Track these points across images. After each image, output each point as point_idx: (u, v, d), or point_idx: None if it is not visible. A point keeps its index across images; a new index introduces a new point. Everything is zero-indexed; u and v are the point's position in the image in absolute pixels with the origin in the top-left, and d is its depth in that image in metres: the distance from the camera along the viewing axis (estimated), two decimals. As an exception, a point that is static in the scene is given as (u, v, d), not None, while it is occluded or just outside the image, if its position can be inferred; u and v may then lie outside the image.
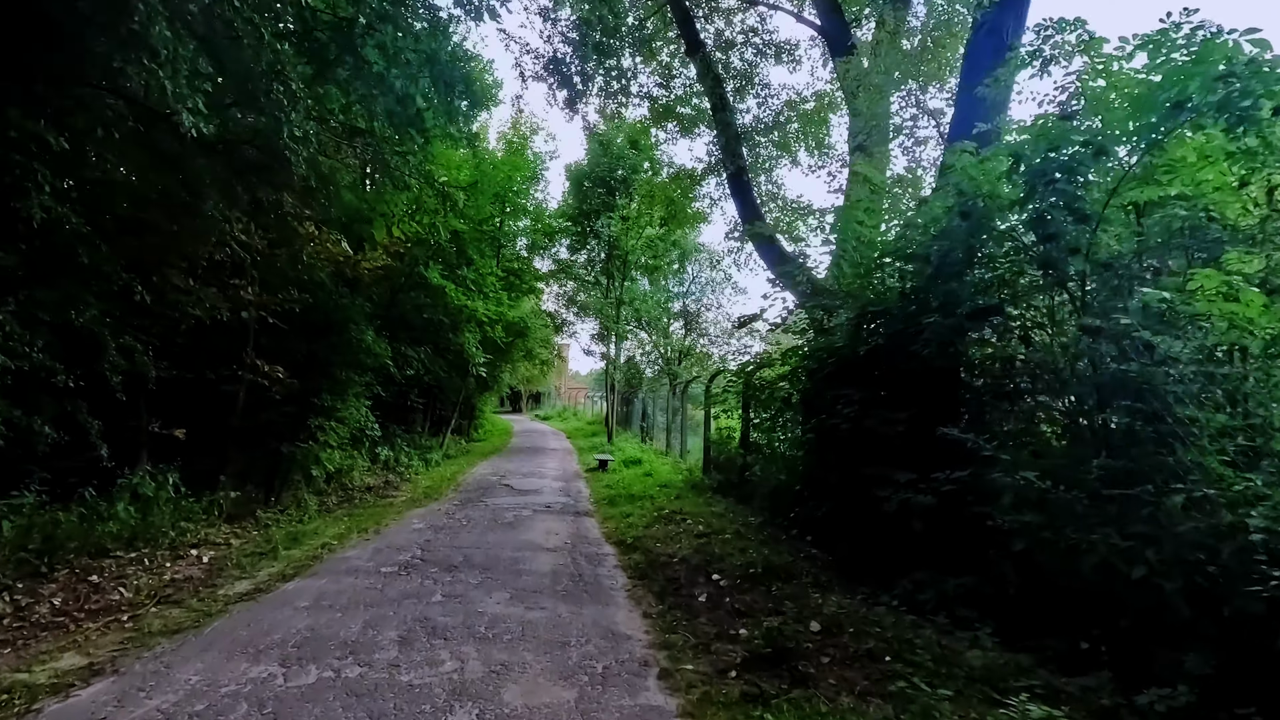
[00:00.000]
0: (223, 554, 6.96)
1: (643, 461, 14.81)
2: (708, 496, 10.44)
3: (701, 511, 9.17)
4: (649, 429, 19.75)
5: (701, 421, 15.90)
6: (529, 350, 20.37)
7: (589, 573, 6.33)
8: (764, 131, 14.18)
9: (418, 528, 8.37)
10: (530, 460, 17.19)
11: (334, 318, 11.37)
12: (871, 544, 5.76)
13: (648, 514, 9.22)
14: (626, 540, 7.69)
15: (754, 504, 9.21)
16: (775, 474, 8.09)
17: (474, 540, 7.62)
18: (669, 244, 19.99)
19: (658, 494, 10.84)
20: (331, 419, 10.76)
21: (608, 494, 11.13)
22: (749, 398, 10.18)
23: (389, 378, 13.75)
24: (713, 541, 7.47)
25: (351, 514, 9.55)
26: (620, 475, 13.29)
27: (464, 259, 16.29)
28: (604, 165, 19.03)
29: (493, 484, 12.78)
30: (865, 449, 5.75)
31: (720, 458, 11.57)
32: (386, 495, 11.68)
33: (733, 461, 10.86)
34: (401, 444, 15.73)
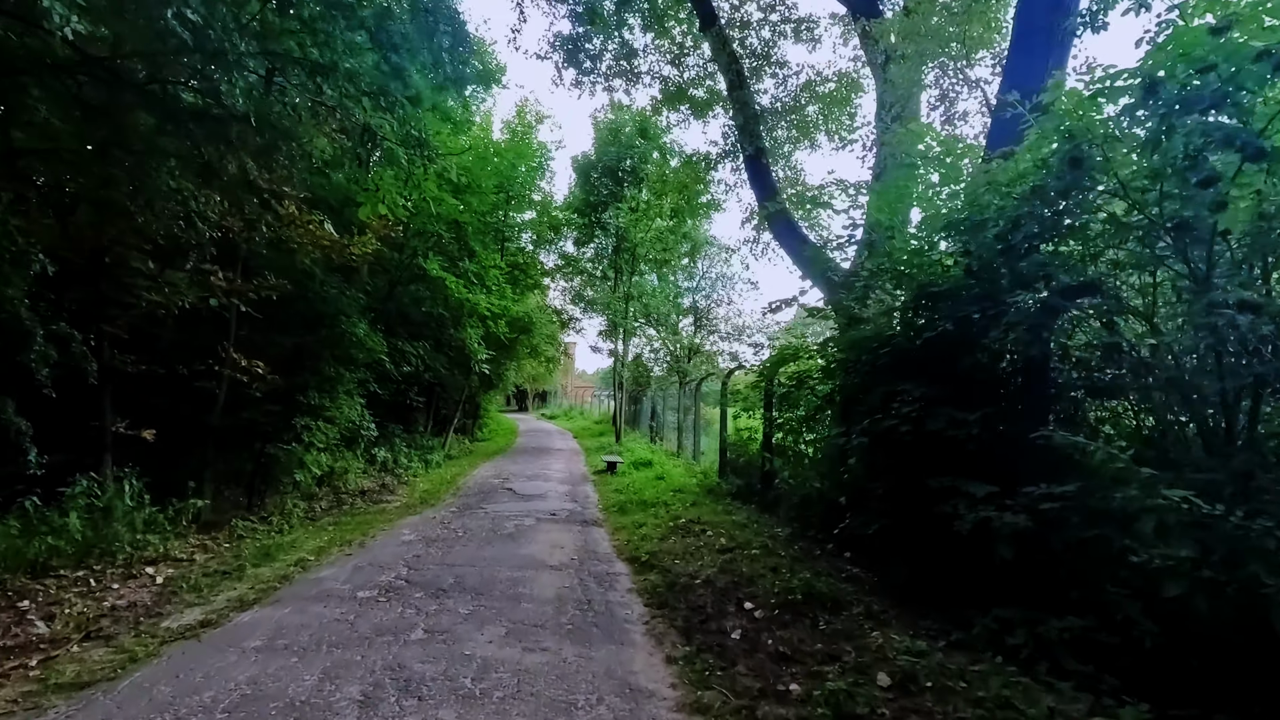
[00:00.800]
0: (182, 572, 6.03)
1: (653, 463, 13.84)
2: (726, 503, 9.47)
3: (722, 521, 8.20)
4: (658, 429, 18.79)
5: (715, 421, 14.92)
6: (534, 347, 19.44)
7: (599, 599, 5.36)
8: (781, 114, 13.18)
9: (408, 540, 7.43)
10: (535, 461, 16.26)
11: (323, 309, 10.45)
12: (937, 569, 4.79)
13: (662, 524, 8.26)
14: (641, 556, 6.73)
15: (780, 513, 8.23)
16: (808, 482, 7.11)
17: (469, 556, 6.68)
18: (679, 236, 19.02)
19: (672, 500, 9.87)
20: (319, 418, 9.84)
21: (617, 500, 10.17)
22: (772, 395, 9.21)
23: (386, 375, 12.86)
24: (739, 558, 6.50)
25: (338, 522, 8.62)
26: (630, 478, 12.33)
27: (465, 251, 15.36)
28: (612, 154, 18.07)
29: (495, 488, 11.84)
30: (928, 456, 4.77)
31: (739, 461, 10.59)
32: (381, 500, 10.76)
33: (753, 466, 9.88)
34: (400, 445, 14.83)
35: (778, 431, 9.13)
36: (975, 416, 4.50)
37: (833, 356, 6.65)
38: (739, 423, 9.65)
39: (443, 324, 15.40)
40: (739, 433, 11.02)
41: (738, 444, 10.79)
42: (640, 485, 11.33)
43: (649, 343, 24.56)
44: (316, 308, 10.46)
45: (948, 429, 4.60)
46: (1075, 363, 4.42)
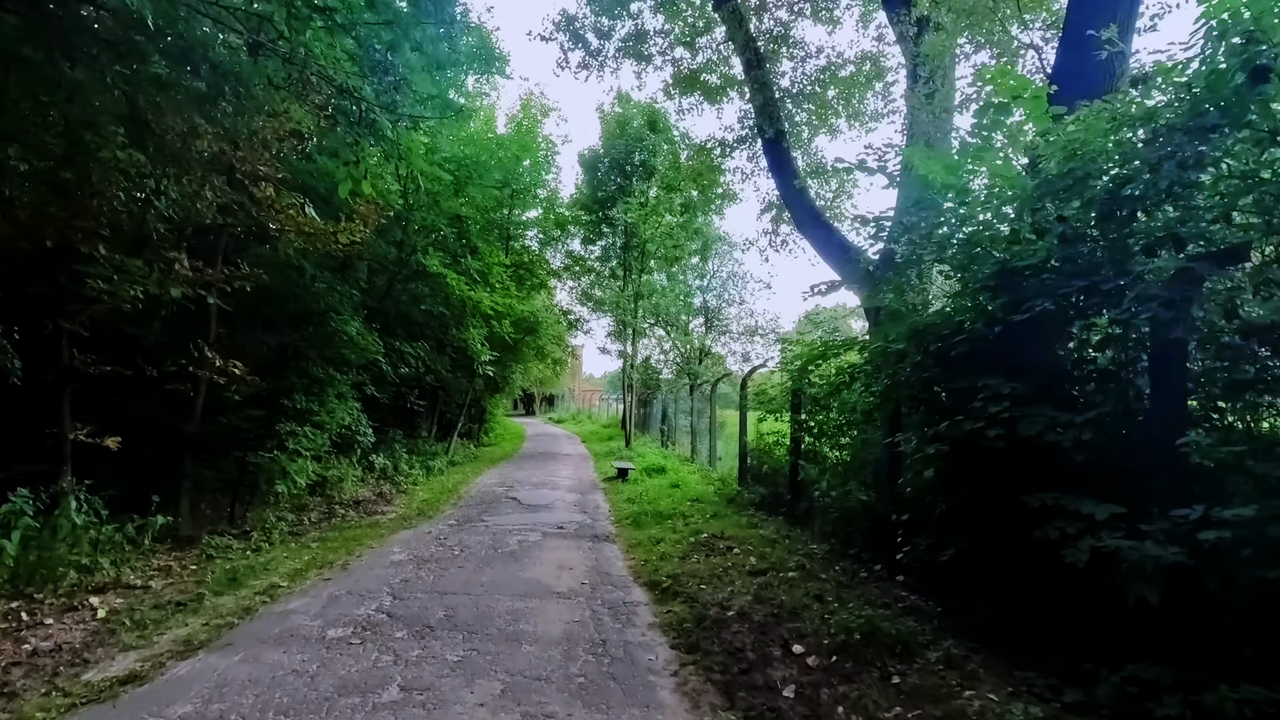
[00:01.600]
0: (131, 603, 5.14)
1: (666, 469, 12.91)
2: (750, 515, 8.53)
3: (748, 536, 7.27)
4: (670, 433, 17.86)
5: (730, 424, 13.96)
6: (540, 348, 18.55)
7: (616, 639, 4.43)
8: (799, 99, 12.25)
9: (397, 559, 6.52)
10: (542, 468, 15.35)
11: (311, 306, 9.59)
12: (1035, 607, 3.84)
13: (682, 539, 7.33)
14: (661, 580, 5.79)
15: (814, 528, 7.29)
16: (851, 494, 6.16)
17: (464, 581, 5.76)
18: (690, 232, 18.12)
19: (690, 511, 8.94)
20: (306, 424, 8.96)
21: (631, 511, 9.24)
22: (801, 396, 8.27)
23: (384, 377, 11.99)
24: (774, 583, 5.57)
25: (324, 538, 7.73)
26: (643, 486, 11.40)
27: (468, 247, 14.49)
28: (619, 147, 17.21)
29: (498, 497, 10.93)
30: (1022, 467, 3.83)
31: (761, 468, 9.65)
32: (375, 511, 9.87)
33: (779, 473, 8.94)
34: (400, 451, 13.96)
35: (807, 436, 8.19)
36: (1086, 418, 3.55)
37: (880, 351, 5.70)
38: (763, 426, 8.73)
39: (444, 324, 14.53)
40: (761, 437, 10.07)
41: (760, 450, 9.84)
42: (654, 494, 10.40)
43: (659, 343, 23.67)
44: (305, 304, 9.60)
45: (1047, 433, 3.65)
46: (1218, 350, 3.46)
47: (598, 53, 11.54)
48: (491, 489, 11.82)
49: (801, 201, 10.77)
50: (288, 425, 8.58)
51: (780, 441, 8.54)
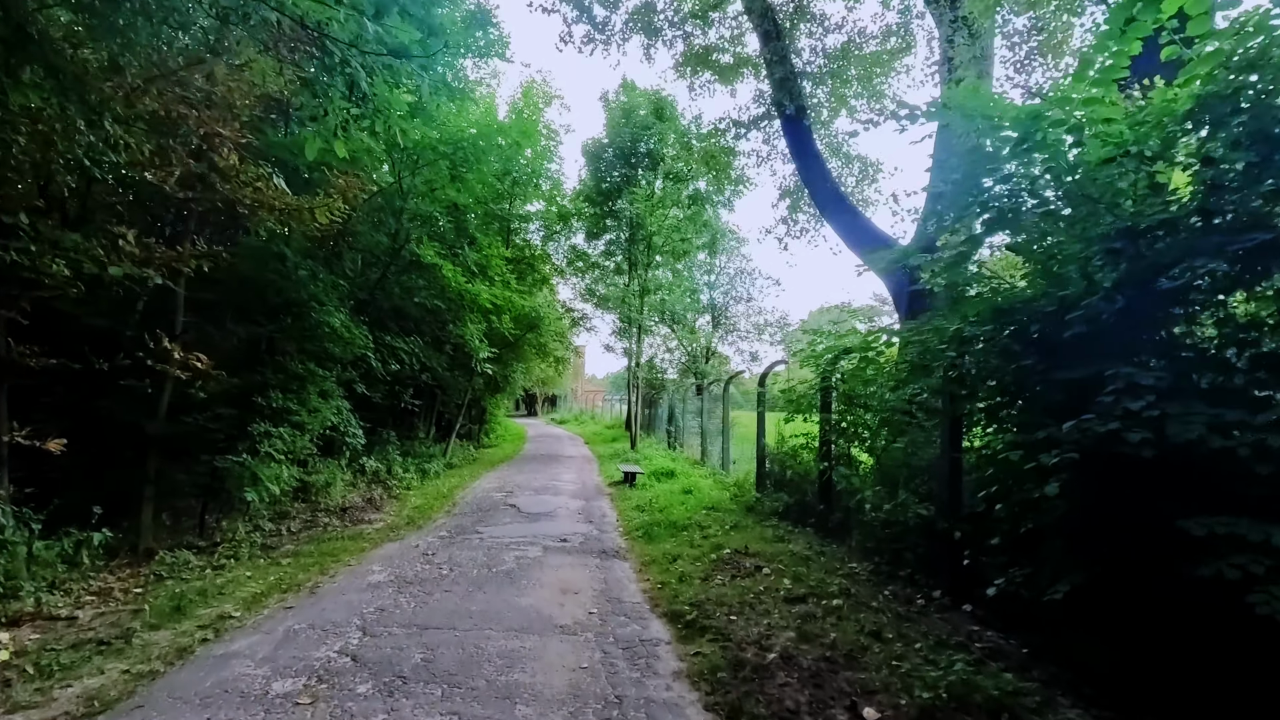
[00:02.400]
0: (47, 640, 4.22)
1: (676, 474, 11.97)
2: (774, 525, 7.59)
3: (777, 552, 6.33)
4: (677, 434, 16.92)
5: (743, 424, 13.01)
6: (542, 345, 17.61)
7: (634, 695, 3.49)
8: (818, 80, 11.33)
9: (375, 581, 5.59)
10: (544, 471, 14.41)
11: (292, 295, 8.68)
12: (1189, 664, 2.90)
13: (702, 555, 6.39)
14: (683, 610, 4.84)
15: (851, 543, 6.34)
16: (908, 507, 5.20)
17: (450, 610, 4.82)
18: (698, 226, 17.18)
19: (706, 520, 8.00)
20: (284, 424, 8.03)
21: (641, 521, 8.29)
22: (831, 394, 7.33)
23: (375, 374, 11.07)
24: (819, 613, 4.63)
25: (298, 553, 6.80)
26: (652, 492, 10.46)
27: (465, 238, 13.57)
28: (625, 135, 16.28)
29: (496, 503, 9.99)
30: (1175, 480, 2.89)
31: (784, 474, 8.70)
32: (362, 520, 8.95)
33: (806, 480, 8.00)
34: (394, 453, 13.02)
35: (839, 439, 7.25)
36: (1270, 419, 2.62)
37: (935, 340, 4.77)
38: (791, 428, 7.79)
39: (441, 319, 13.60)
40: (784, 440, 9.13)
41: (781, 453, 8.90)
42: (665, 500, 9.46)
43: (664, 341, 22.72)
44: (284, 293, 8.68)
45: (1210, 437, 2.71)
46: None
47: (604, 25, 10.63)
48: (489, 494, 10.88)
49: (824, 184, 9.85)
50: (262, 426, 7.65)
51: (809, 445, 7.58)
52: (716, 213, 17.49)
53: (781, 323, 21.62)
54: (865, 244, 9.52)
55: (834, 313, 58.50)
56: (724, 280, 22.06)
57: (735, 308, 22.20)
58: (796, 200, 11.37)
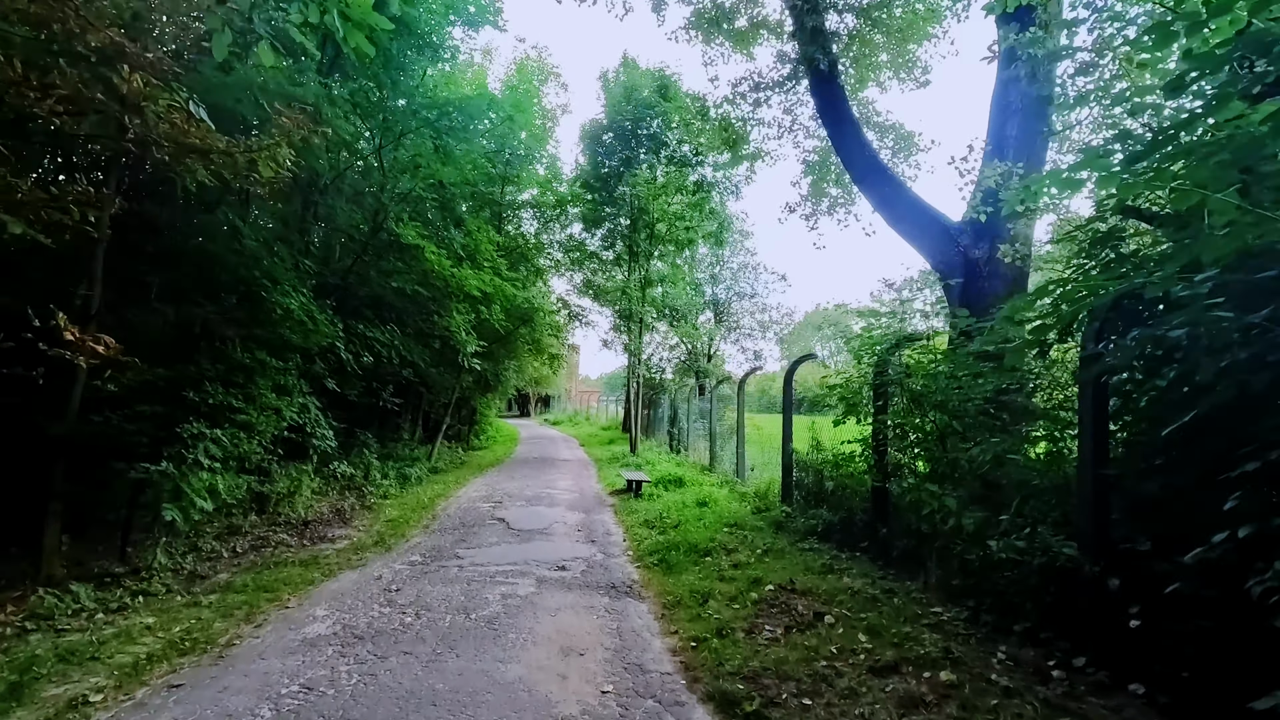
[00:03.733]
0: None
1: (685, 482, 10.54)
2: (817, 550, 6.19)
3: (833, 590, 4.92)
4: (681, 437, 15.50)
5: (752, 427, 11.61)
6: (536, 341, 16.16)
7: None
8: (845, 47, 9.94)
9: (313, 635, 4.12)
10: (537, 476, 12.93)
11: (240, 272, 7.21)
12: None
13: (739, 593, 4.96)
14: (735, 691, 3.39)
15: (929, 577, 4.93)
16: (1046, 543, 3.77)
17: (404, 693, 3.37)
18: (704, 214, 15.78)
19: (731, 541, 6.59)
20: (225, 424, 6.53)
21: (654, 541, 6.84)
22: (886, 392, 5.93)
23: (346, 368, 9.59)
24: (929, 696, 3.23)
25: (230, 586, 5.33)
26: (661, 503, 9.02)
27: (452, 219, 12.10)
28: (626, 114, 14.89)
29: (482, 516, 8.53)
30: None
31: (824, 485, 7.29)
32: (324, 537, 7.49)
33: (853, 493, 6.58)
34: (371, 457, 11.52)
35: (899, 447, 5.85)
36: None
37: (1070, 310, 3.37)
38: (840, 432, 6.39)
39: (425, 309, 12.13)
40: (819, 445, 7.72)
41: (817, 461, 7.50)
42: (678, 514, 8.02)
43: (664, 339, 21.28)
44: (233, 269, 7.21)
45: None
46: None
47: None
48: (475, 505, 9.41)
49: (861, 152, 8.47)
50: (194, 426, 6.15)
51: (864, 454, 6.15)
52: (723, 200, 16.13)
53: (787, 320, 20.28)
54: (909, 220, 8.15)
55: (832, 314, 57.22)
56: (727, 275, 20.69)
57: (738, 304, 20.81)
58: (822, 174, 9.96)
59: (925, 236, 7.99)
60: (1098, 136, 7.61)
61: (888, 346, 5.89)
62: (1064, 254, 7.73)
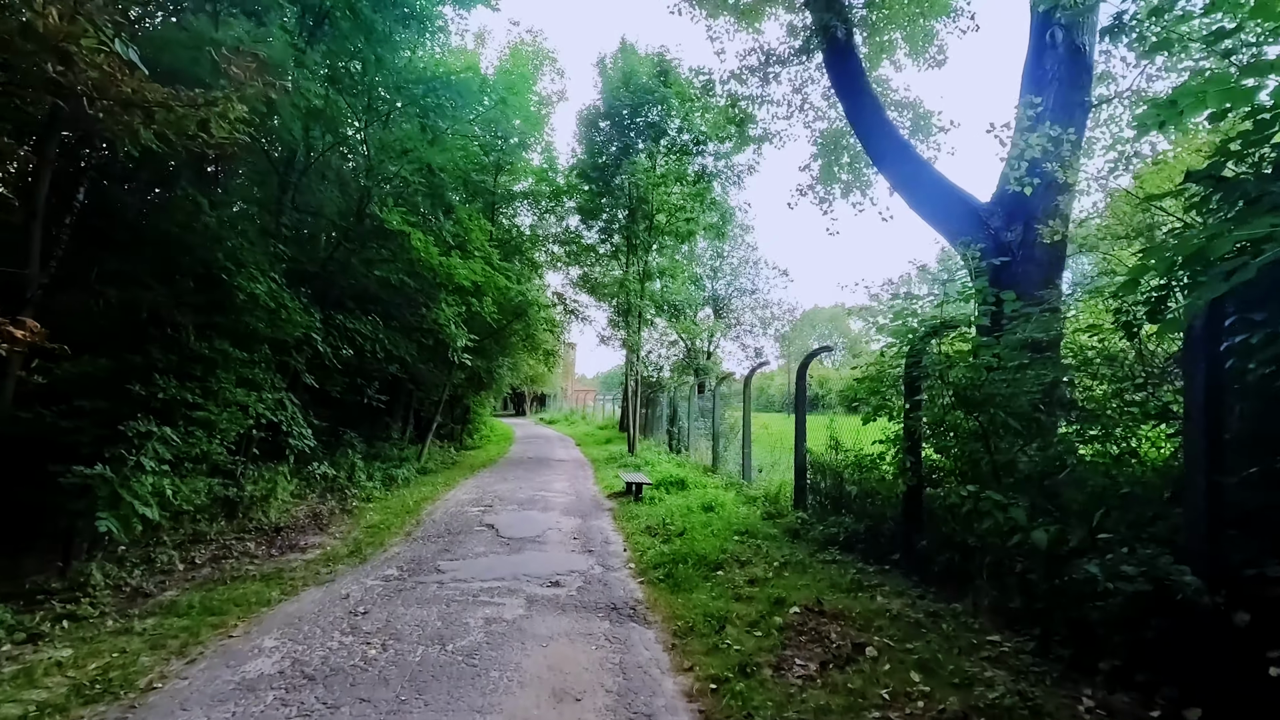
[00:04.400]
0: None
1: (688, 484, 9.83)
2: (839, 561, 5.50)
3: (867, 613, 4.22)
4: (680, 436, 14.78)
5: (756, 425, 10.90)
6: (530, 335, 15.41)
7: None
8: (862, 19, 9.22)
9: (253, 675, 3.40)
10: (531, 477, 12.20)
11: (199, 254, 6.46)
12: None
13: (760, 617, 4.25)
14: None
15: (980, 598, 4.23)
16: (1159, 566, 3.06)
17: (356, 753, 2.65)
18: (705, 204, 15.06)
19: (744, 552, 5.89)
20: (175, 421, 5.79)
21: (658, 552, 6.12)
22: (918, 386, 5.24)
23: (325, 362, 8.85)
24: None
25: (171, 609, 4.59)
26: (663, 507, 8.31)
27: (440, 206, 11.35)
28: (625, 100, 14.16)
29: (470, 522, 7.81)
30: None
31: (843, 489, 6.59)
32: (295, 546, 6.77)
33: (880, 499, 5.88)
34: (355, 457, 10.79)
35: (938, 447, 5.16)
36: None
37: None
38: (862, 431, 5.69)
39: (412, 301, 11.39)
40: (838, 445, 7.02)
41: (837, 463, 6.80)
42: (682, 520, 7.31)
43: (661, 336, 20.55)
44: (192, 251, 6.46)
45: None
46: None
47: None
48: (464, 509, 8.68)
49: (880, 129, 7.78)
50: (142, 423, 5.41)
51: (894, 455, 5.44)
52: (725, 190, 15.42)
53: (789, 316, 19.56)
54: (932, 201, 7.47)
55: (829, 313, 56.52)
56: (728, 269, 19.97)
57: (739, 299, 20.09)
58: (835, 156, 9.25)
59: (950, 218, 7.31)
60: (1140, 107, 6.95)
61: (923, 334, 5.19)
62: (1114, 232, 7.07)
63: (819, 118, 9.69)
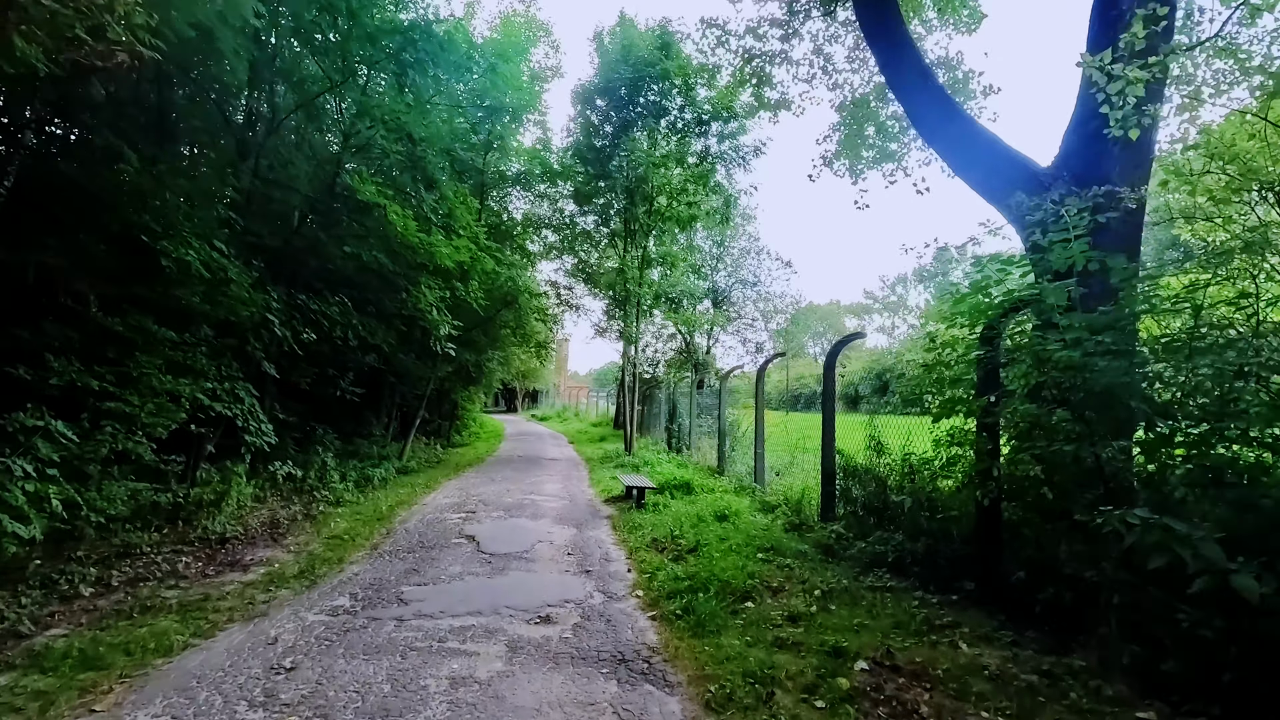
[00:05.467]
0: None
1: (694, 487, 8.74)
2: (894, 590, 4.43)
3: (956, 670, 3.14)
4: (681, 434, 13.68)
5: (757, 421, 9.80)
6: (520, 324, 14.26)
7: None
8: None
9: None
10: (520, 478, 11.06)
11: (117, 212, 5.29)
12: None
13: (819, 677, 3.16)
14: None
15: (1098, 646, 3.15)
16: None
17: None
18: (708, 188, 13.92)
19: (774, 575, 4.81)
20: (75, 413, 4.62)
21: (670, 575, 5.00)
22: (997, 373, 4.17)
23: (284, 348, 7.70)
24: None
25: (32, 665, 3.43)
26: (669, 515, 7.21)
27: (422, 180, 10.17)
28: (625, 74, 13.02)
29: (447, 532, 6.68)
30: None
31: (886, 498, 5.51)
32: (235, 565, 5.62)
33: (945, 515, 4.79)
34: (326, 455, 9.63)
35: (1018, 451, 4.07)
36: None
37: None
38: (943, 427, 4.59)
39: (391, 284, 10.22)
40: (880, 447, 5.93)
41: (879, 468, 5.73)
42: (693, 532, 6.21)
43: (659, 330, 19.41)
44: (114, 209, 5.29)
45: None
46: None
47: None
48: (443, 516, 7.55)
49: (923, 83, 6.68)
50: (24, 416, 4.24)
51: (962, 459, 4.36)
52: (730, 174, 14.33)
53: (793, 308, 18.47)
54: (983, 165, 6.38)
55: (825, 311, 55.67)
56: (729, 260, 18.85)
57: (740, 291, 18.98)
58: (862, 122, 8.15)
59: (1005, 185, 6.23)
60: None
61: (1003, 308, 4.12)
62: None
63: (836, 87, 8.59)
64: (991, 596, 4.05)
